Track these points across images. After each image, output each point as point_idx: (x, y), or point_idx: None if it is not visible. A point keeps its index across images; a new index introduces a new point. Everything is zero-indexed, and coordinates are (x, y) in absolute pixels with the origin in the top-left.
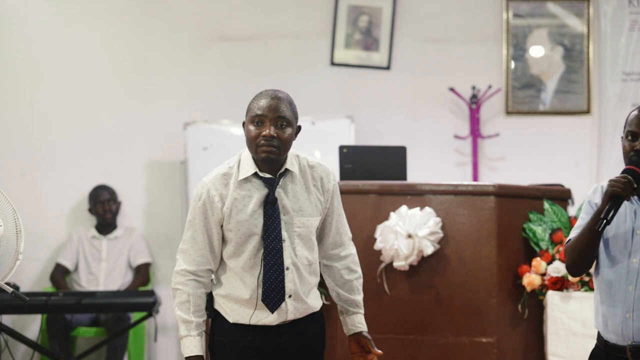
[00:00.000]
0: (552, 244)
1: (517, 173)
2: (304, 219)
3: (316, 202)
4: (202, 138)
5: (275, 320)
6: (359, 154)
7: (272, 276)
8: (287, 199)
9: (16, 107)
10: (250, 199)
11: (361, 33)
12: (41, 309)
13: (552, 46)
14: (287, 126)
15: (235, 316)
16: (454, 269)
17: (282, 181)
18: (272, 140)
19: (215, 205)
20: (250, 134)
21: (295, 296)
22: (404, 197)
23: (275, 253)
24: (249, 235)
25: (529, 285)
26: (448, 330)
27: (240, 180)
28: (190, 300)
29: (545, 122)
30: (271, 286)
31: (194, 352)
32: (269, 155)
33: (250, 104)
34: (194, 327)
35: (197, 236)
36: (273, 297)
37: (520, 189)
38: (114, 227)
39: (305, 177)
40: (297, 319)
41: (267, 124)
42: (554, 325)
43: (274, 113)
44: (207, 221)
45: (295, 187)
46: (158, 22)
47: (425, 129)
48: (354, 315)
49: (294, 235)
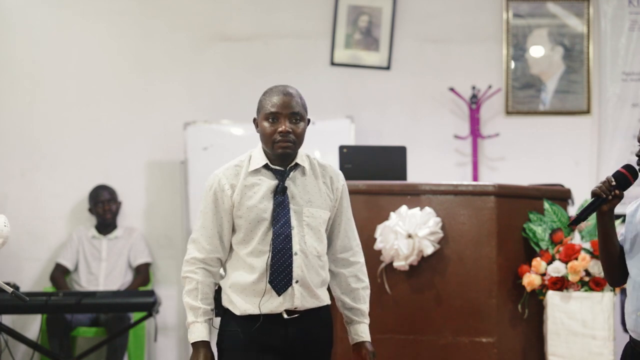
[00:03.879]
0: (552, 244)
1: (517, 173)
2: (313, 209)
3: (325, 197)
4: (202, 138)
5: (282, 305)
6: (359, 154)
7: (279, 260)
8: (296, 190)
9: (16, 106)
10: (260, 187)
11: (361, 33)
12: (41, 309)
13: (552, 46)
14: (300, 121)
15: (243, 306)
16: (454, 269)
17: (292, 174)
18: (288, 136)
19: (225, 193)
20: (265, 131)
21: (302, 282)
22: (404, 197)
23: (283, 238)
24: (258, 220)
25: (529, 285)
26: (448, 330)
27: (251, 171)
28: (199, 288)
29: (545, 122)
30: (278, 269)
31: (200, 337)
32: (286, 150)
33: (263, 101)
34: (202, 314)
35: (207, 224)
36: (280, 280)
37: (520, 189)
38: (114, 227)
39: (316, 174)
40: (305, 312)
41: (282, 120)
42: (554, 325)
43: (287, 109)
44: (218, 210)
45: (305, 181)
46: (158, 21)
47: (425, 129)
48: (357, 325)
49: (303, 224)
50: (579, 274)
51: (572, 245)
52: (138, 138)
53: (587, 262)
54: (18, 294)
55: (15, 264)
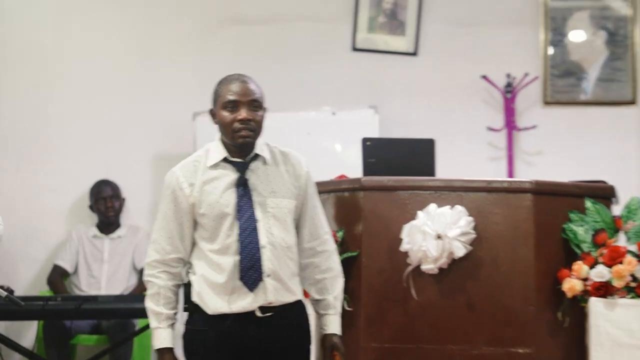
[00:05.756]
0: (594, 246)
1: (556, 168)
2: (278, 199)
3: (289, 186)
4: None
5: (255, 301)
6: (383, 147)
7: (248, 254)
8: (258, 181)
9: (11, 96)
10: (220, 181)
11: (385, 16)
12: (38, 315)
13: (594, 30)
14: (259, 108)
15: (214, 304)
16: (487, 272)
17: (252, 165)
18: (249, 124)
19: (184, 192)
20: (225, 120)
21: (274, 276)
22: (432, 194)
23: (250, 232)
24: (221, 216)
25: (569, 291)
26: (481, 339)
27: (209, 166)
28: (161, 293)
29: (587, 113)
30: (248, 264)
31: (163, 344)
32: (246, 139)
33: (219, 90)
34: (164, 319)
35: (166, 225)
36: (251, 275)
37: (559, 186)
38: (117, 226)
39: (277, 163)
40: (278, 309)
41: (242, 108)
42: (598, 335)
43: (247, 97)
44: (177, 209)
45: (267, 170)
46: (164, 4)
47: (455, 120)
48: (323, 317)
49: (268, 215)
50: (625, 279)
51: (617, 247)
52: (143, 129)
53: (633, 266)
54: (12, 298)
55: (9, 265)
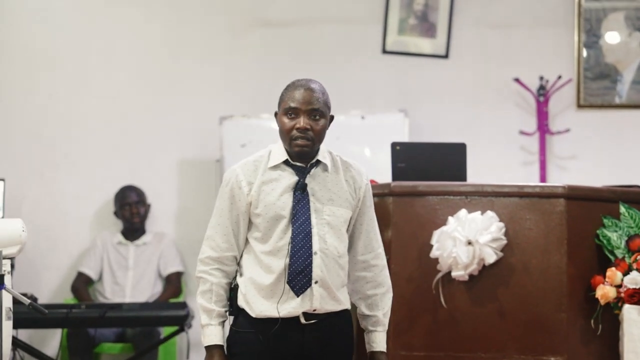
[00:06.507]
0: (629, 253)
1: (589, 173)
2: (335, 208)
3: (348, 196)
4: (239, 134)
5: (300, 307)
6: (413, 151)
7: (298, 259)
8: (317, 187)
9: (35, 100)
10: (279, 183)
11: (416, 17)
12: (61, 323)
13: (629, 32)
14: (320, 118)
15: (259, 308)
16: (518, 279)
17: (313, 171)
18: (307, 133)
19: (242, 190)
20: (284, 127)
21: (322, 283)
22: (463, 199)
23: (303, 237)
24: (277, 218)
25: (603, 298)
26: (512, 347)
27: (270, 166)
28: (213, 290)
29: (622, 117)
30: (297, 269)
31: (214, 341)
32: (303, 148)
33: (283, 96)
34: (216, 316)
35: (222, 222)
36: (299, 281)
37: (593, 191)
38: (142, 232)
39: (338, 171)
40: (323, 317)
41: (301, 116)
42: (632, 343)
43: (307, 105)
44: (234, 207)
45: (327, 178)
46: (191, 4)
47: (487, 124)
48: (371, 334)
49: (323, 222)
50: None
51: None
52: (169, 134)
53: None
54: (36, 306)
55: (33, 272)
